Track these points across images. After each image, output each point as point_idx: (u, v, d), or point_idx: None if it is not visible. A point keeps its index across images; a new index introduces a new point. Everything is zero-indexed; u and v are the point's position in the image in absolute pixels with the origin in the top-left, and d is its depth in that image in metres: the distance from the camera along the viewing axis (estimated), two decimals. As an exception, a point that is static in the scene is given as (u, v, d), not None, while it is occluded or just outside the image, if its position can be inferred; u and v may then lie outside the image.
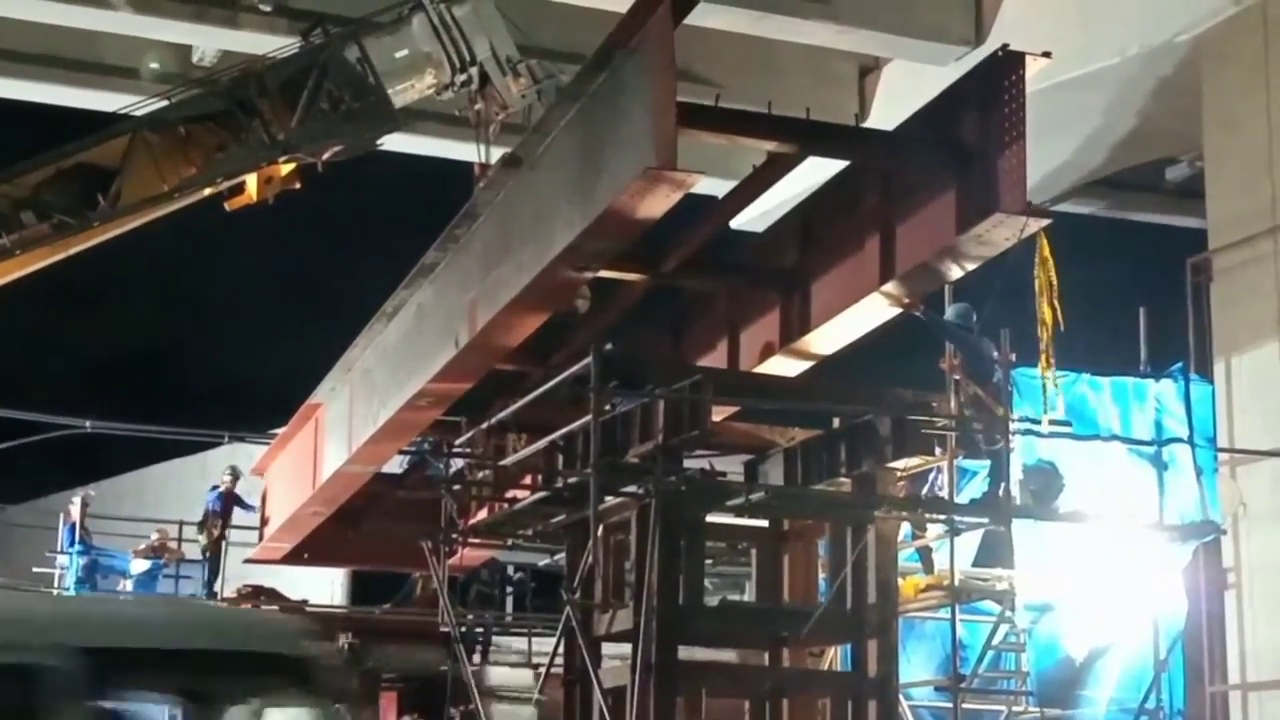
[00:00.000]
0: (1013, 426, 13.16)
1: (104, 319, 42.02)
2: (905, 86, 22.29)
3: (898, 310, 12.79)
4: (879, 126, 21.57)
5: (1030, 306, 12.96)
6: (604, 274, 13.37)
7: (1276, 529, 16.74)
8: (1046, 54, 11.43)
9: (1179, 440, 16.45)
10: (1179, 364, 17.13)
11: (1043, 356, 13.23)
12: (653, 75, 10.91)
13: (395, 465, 19.15)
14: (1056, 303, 12.88)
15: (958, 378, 13.02)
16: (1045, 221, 11.55)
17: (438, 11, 14.99)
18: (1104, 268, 21.38)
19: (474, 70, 15.08)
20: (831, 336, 13.42)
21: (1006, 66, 11.41)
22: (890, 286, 12.41)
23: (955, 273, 12.20)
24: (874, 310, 12.83)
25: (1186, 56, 18.91)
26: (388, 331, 16.44)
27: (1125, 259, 25.00)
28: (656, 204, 11.29)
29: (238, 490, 23.35)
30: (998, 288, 12.50)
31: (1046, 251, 12.69)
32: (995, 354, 13.19)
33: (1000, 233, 11.38)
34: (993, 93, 11.44)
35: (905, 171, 12.25)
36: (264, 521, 21.89)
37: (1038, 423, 13.88)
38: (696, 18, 13.43)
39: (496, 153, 15.45)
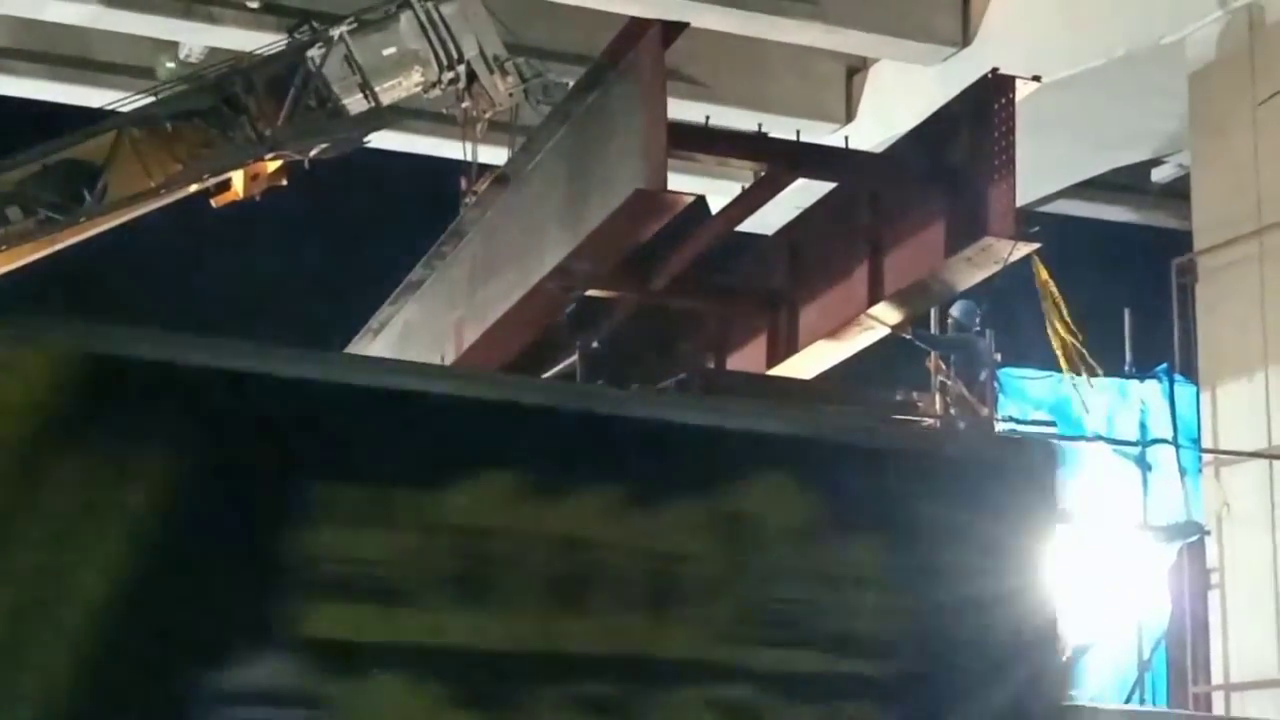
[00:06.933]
0: (996, 427, 13.19)
1: (96, 315, 41.93)
2: (892, 87, 22.30)
3: (885, 332, 12.78)
4: (866, 127, 21.62)
5: (1017, 306, 12.97)
6: (590, 293, 13.32)
7: (1259, 530, 16.77)
8: (1036, 78, 11.47)
9: (1163, 441, 16.49)
10: (1163, 365, 17.16)
11: (1064, 362, 13.28)
12: (643, 98, 10.98)
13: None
14: (1069, 319, 12.91)
15: (943, 379, 13.04)
16: (1034, 246, 11.61)
17: (425, 9, 15.01)
18: (1089, 268, 21.38)
19: (461, 68, 15.11)
20: (818, 358, 13.38)
21: (996, 89, 11.41)
22: (878, 309, 12.38)
23: (943, 296, 12.20)
24: (862, 332, 12.82)
25: (1173, 58, 18.93)
26: (373, 347, 16.38)
27: (1110, 260, 25.01)
28: (646, 226, 11.36)
29: None
30: (991, 288, 12.47)
31: (1045, 274, 12.73)
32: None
33: (989, 256, 11.39)
34: (982, 115, 11.45)
35: (895, 193, 12.25)
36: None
37: (1022, 423, 13.91)
38: (683, 16, 13.39)
39: (483, 151, 15.47)
